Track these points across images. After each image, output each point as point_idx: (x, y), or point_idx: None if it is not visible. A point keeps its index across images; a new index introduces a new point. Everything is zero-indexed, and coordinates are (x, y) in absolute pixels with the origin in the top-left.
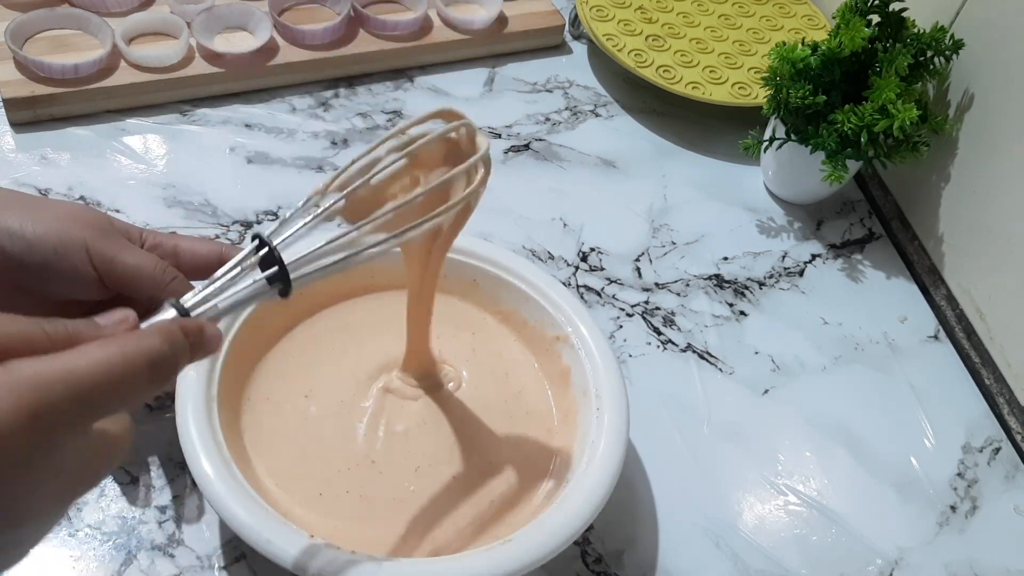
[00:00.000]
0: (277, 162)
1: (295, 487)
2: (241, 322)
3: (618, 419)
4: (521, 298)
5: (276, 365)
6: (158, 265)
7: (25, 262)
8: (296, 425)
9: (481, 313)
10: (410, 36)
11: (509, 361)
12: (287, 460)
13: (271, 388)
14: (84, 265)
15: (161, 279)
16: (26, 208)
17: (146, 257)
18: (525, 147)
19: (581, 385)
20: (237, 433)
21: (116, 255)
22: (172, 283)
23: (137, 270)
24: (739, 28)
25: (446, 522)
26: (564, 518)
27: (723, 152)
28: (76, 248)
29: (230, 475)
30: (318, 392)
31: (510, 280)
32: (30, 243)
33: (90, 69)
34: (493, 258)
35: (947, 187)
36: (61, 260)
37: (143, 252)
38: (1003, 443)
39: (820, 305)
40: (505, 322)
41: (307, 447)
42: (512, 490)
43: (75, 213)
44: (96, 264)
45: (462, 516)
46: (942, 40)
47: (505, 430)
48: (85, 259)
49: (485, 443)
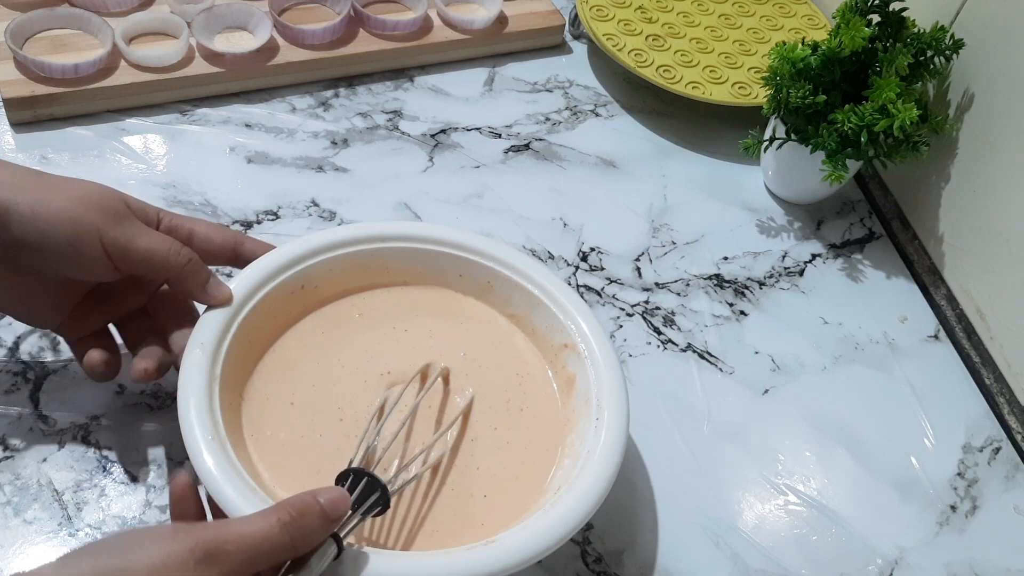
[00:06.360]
0: (277, 162)
1: (290, 479)
2: (246, 313)
3: (616, 431)
4: (533, 302)
5: (280, 358)
6: (172, 247)
7: (38, 249)
8: (294, 419)
9: (493, 315)
10: (410, 36)
11: (516, 365)
12: (284, 453)
13: (271, 381)
14: (97, 252)
15: (176, 262)
16: (39, 191)
17: (159, 241)
18: (525, 147)
19: (584, 394)
20: (238, 426)
21: (130, 241)
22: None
23: (150, 254)
24: (739, 28)
25: (436, 521)
26: (549, 523)
27: (723, 152)
28: (89, 236)
29: (231, 468)
30: (319, 387)
31: (523, 284)
32: (42, 231)
33: (90, 69)
34: (508, 260)
35: (947, 187)
36: (74, 248)
37: (157, 235)
38: (1003, 443)
39: (820, 305)
40: (516, 325)
41: (304, 440)
42: (506, 493)
43: (89, 196)
44: (109, 251)
45: (453, 516)
46: (942, 40)
47: (505, 433)
48: (98, 246)
49: (484, 446)
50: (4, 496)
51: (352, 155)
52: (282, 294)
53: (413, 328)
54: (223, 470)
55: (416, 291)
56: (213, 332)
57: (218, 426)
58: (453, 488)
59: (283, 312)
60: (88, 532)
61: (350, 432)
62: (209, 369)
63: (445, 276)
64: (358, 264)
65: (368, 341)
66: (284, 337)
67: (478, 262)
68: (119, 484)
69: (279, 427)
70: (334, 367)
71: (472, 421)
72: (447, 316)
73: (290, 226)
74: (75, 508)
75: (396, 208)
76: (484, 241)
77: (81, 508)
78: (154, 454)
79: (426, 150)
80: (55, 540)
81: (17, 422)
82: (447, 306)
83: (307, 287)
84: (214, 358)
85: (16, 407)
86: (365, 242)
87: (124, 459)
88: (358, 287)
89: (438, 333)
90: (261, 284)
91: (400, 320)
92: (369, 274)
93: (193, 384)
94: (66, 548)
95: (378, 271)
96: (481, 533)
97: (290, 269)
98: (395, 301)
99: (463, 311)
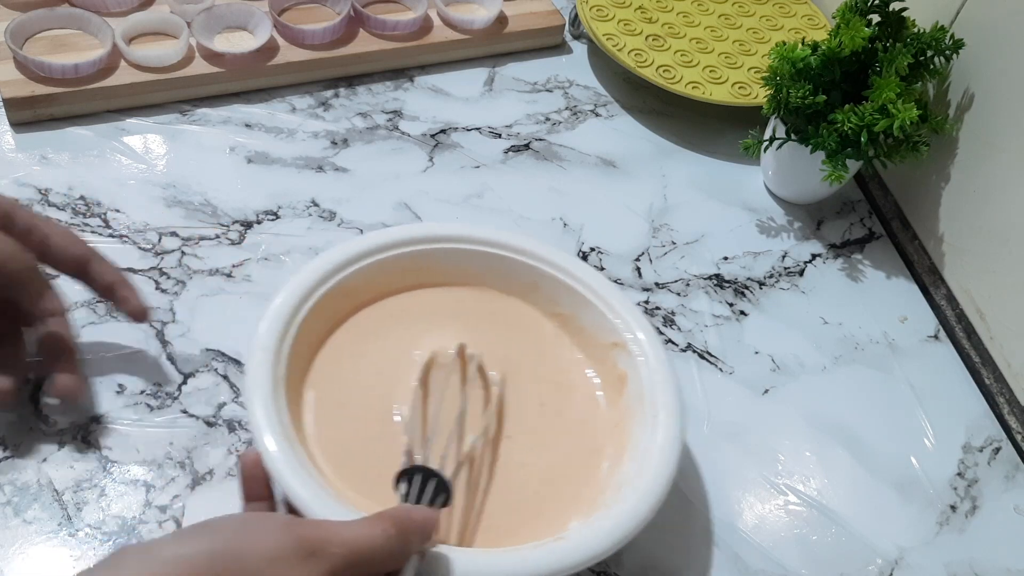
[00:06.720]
0: (277, 162)
1: (349, 477)
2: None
3: (673, 428)
4: (580, 302)
5: (330, 358)
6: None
7: None
8: (347, 418)
9: (539, 315)
10: (410, 36)
11: (564, 364)
12: (341, 443)
13: (323, 381)
14: None
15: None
16: None
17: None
18: (525, 147)
19: (637, 392)
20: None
21: None
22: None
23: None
24: (739, 28)
25: (491, 517)
26: (614, 521)
27: (723, 152)
28: None
29: (293, 453)
30: (366, 386)
31: (570, 283)
32: None
33: (90, 69)
34: (554, 260)
35: (947, 187)
36: None
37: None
38: (1003, 443)
39: (820, 305)
40: (562, 325)
41: (357, 437)
42: (556, 489)
43: None
44: None
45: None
46: (942, 40)
47: (547, 431)
48: None
49: (524, 443)
50: (4, 496)
51: (352, 155)
52: (335, 295)
53: (457, 328)
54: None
55: (461, 291)
56: (274, 334)
57: (286, 427)
58: (500, 485)
59: (333, 313)
60: (88, 532)
61: (398, 429)
62: (273, 370)
63: (490, 276)
64: (405, 265)
65: (411, 341)
66: (333, 337)
67: (524, 262)
68: (119, 484)
69: (334, 426)
70: (380, 366)
71: (513, 418)
72: (491, 316)
73: (290, 226)
74: (75, 508)
75: (396, 208)
76: (530, 241)
77: (81, 508)
78: (154, 454)
79: (426, 150)
80: (55, 540)
81: (17, 422)
82: (491, 306)
83: (357, 288)
84: (276, 359)
85: (16, 407)
86: (413, 244)
87: (124, 459)
88: (403, 287)
89: (482, 333)
90: (316, 286)
91: (444, 320)
92: (415, 275)
93: (259, 385)
94: (66, 548)
95: (424, 271)
96: (539, 529)
97: (342, 271)
98: (440, 301)
99: (507, 311)
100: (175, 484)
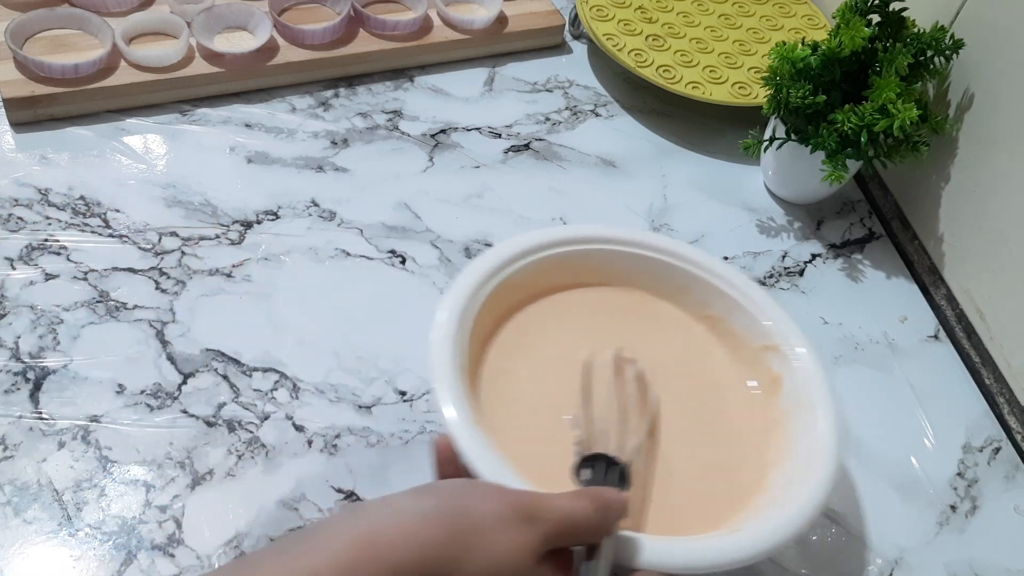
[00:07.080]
0: (277, 162)
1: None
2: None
3: (833, 427)
4: (731, 305)
5: (496, 353)
6: None
7: None
8: (516, 410)
9: (689, 318)
10: (410, 36)
11: (715, 365)
12: (515, 442)
13: (490, 374)
14: None
15: None
16: None
17: None
18: (525, 147)
19: (793, 394)
20: (477, 405)
21: None
22: None
23: None
24: (739, 28)
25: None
26: (787, 517)
27: (723, 152)
28: None
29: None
30: (531, 381)
31: (720, 286)
32: None
33: (90, 69)
34: (704, 263)
35: (947, 187)
36: None
37: None
38: (1003, 443)
39: (820, 305)
40: (712, 328)
41: (531, 423)
42: (721, 485)
43: None
44: None
45: (678, 502)
46: (942, 40)
47: (703, 429)
48: None
49: (683, 440)
50: (4, 496)
51: (352, 155)
52: (502, 291)
53: (613, 327)
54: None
55: (614, 292)
56: (452, 325)
57: (469, 416)
58: (665, 479)
59: (496, 310)
60: (88, 532)
61: (565, 424)
62: (453, 360)
63: (642, 278)
64: (563, 264)
65: (572, 339)
66: (500, 331)
67: (676, 265)
68: (119, 484)
69: (505, 418)
70: (546, 362)
71: (670, 417)
72: (643, 317)
73: (290, 226)
74: (75, 508)
75: (396, 208)
76: (680, 244)
77: (81, 508)
78: (154, 454)
79: (426, 150)
80: (55, 540)
81: (17, 422)
82: (643, 307)
83: (523, 284)
84: (455, 350)
85: (16, 407)
86: (573, 244)
87: (124, 459)
88: (560, 286)
89: (636, 333)
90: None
91: (600, 319)
92: (572, 274)
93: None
94: (66, 548)
95: (580, 271)
96: (708, 522)
97: (507, 268)
98: (595, 301)
99: (658, 312)
100: (175, 484)
